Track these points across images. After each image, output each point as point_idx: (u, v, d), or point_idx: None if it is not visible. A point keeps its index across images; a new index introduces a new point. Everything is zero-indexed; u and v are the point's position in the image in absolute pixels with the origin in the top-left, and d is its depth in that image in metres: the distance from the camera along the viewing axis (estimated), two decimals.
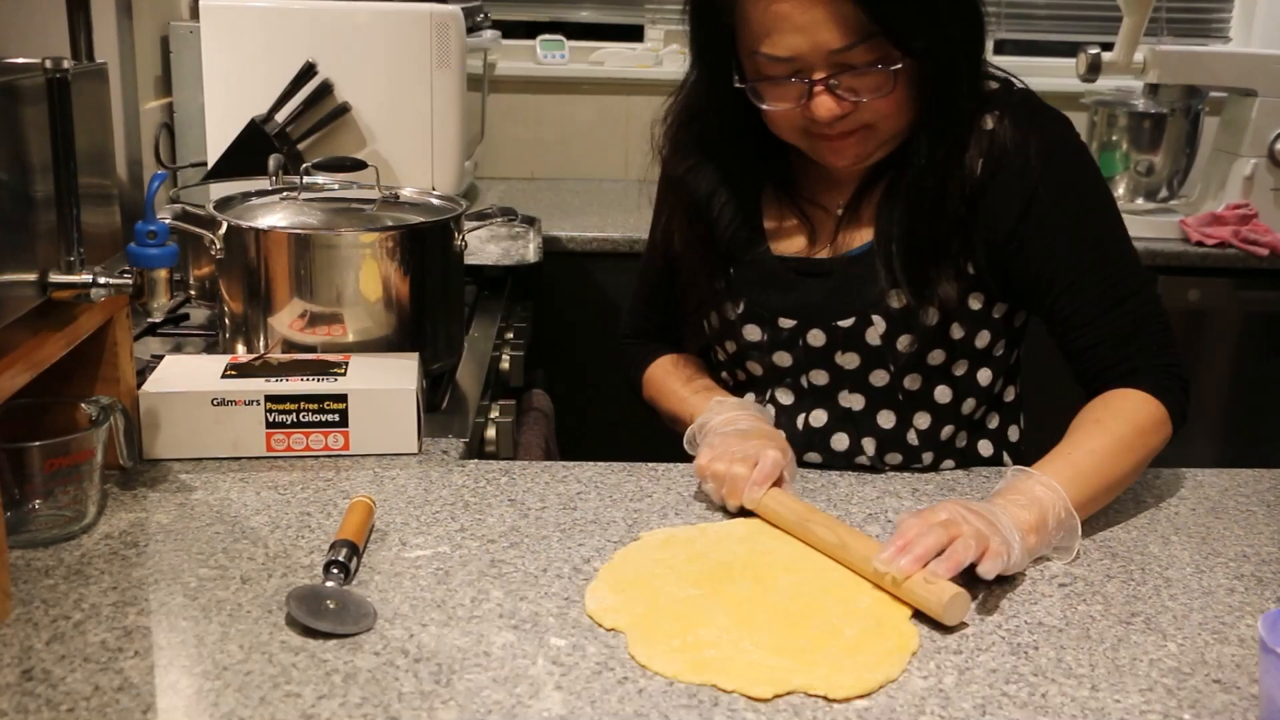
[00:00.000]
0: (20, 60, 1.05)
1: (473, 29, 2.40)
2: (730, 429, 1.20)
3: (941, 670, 0.88)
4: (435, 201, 1.55)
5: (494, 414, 1.56)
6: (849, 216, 1.28)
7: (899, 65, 1.13)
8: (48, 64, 1.02)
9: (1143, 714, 0.84)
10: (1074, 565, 1.05)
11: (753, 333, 1.30)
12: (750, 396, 1.35)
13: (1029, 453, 1.38)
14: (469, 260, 1.69)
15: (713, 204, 1.31)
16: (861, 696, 0.84)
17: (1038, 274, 1.22)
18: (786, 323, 1.28)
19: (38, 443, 1.04)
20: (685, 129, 1.31)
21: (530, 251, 2.07)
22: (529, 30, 3.08)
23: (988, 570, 0.96)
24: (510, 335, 1.92)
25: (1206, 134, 2.75)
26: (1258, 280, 2.53)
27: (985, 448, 1.34)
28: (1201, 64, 2.61)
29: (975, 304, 1.25)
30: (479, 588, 0.98)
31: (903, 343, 1.24)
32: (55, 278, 1.05)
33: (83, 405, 1.11)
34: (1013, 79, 1.26)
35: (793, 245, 1.30)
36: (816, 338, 1.27)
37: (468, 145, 2.35)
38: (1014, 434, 1.37)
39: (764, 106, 1.18)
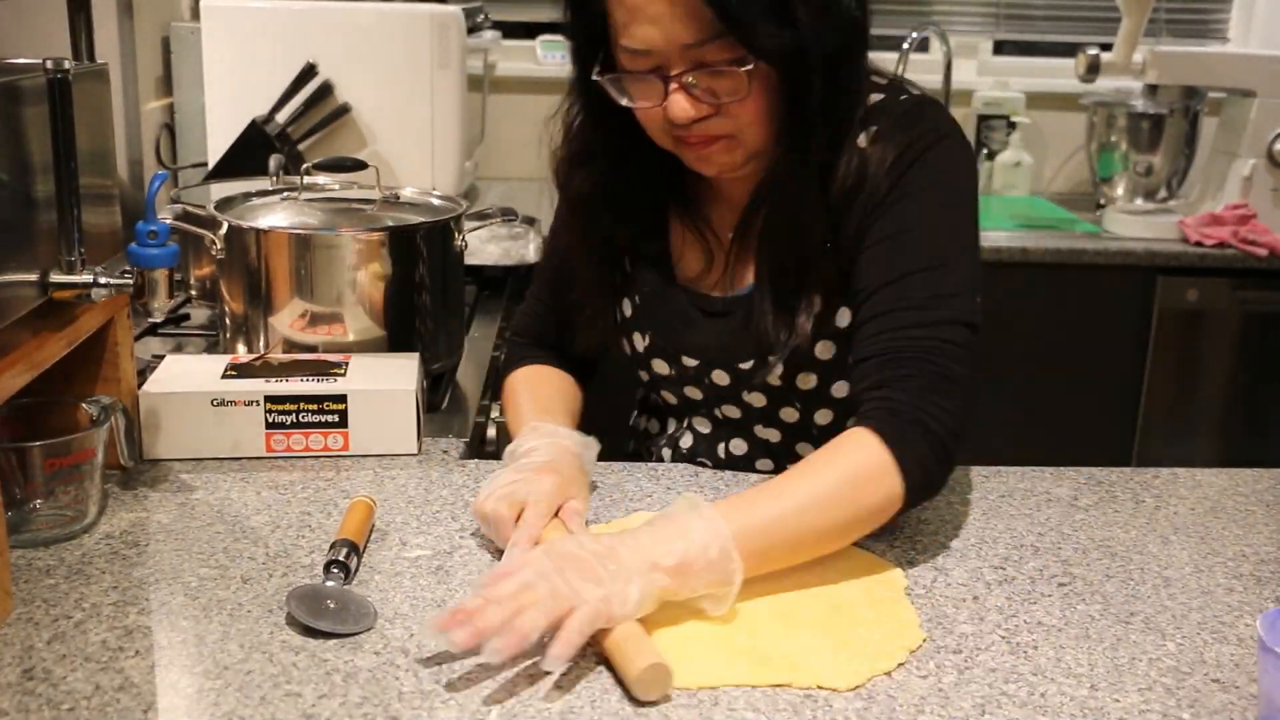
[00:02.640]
0: (21, 60, 1.05)
1: (473, 29, 2.41)
2: (524, 461, 1.10)
3: (941, 670, 0.88)
4: (435, 201, 1.55)
5: (494, 414, 1.56)
6: (739, 244, 1.21)
7: (750, 66, 1.05)
8: (49, 64, 1.02)
9: (1142, 713, 0.84)
10: (1073, 565, 1.05)
11: (660, 366, 1.27)
12: (670, 422, 1.34)
13: None
14: (469, 260, 1.69)
15: (591, 206, 1.24)
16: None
17: (856, 277, 1.12)
18: (690, 361, 1.24)
19: (39, 442, 1.04)
20: (574, 126, 1.23)
21: (530, 251, 2.07)
22: (529, 30, 3.08)
23: (565, 643, 0.83)
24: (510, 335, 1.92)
25: (1205, 134, 2.76)
26: (1256, 280, 2.54)
27: None
28: (1200, 65, 2.61)
29: (843, 322, 1.16)
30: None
31: (804, 380, 1.19)
32: (56, 278, 1.05)
33: (83, 405, 1.11)
34: (906, 87, 1.17)
35: (693, 268, 1.25)
36: (721, 377, 1.23)
37: (468, 145, 2.35)
38: None
39: (624, 103, 1.12)
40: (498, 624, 0.83)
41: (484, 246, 2.03)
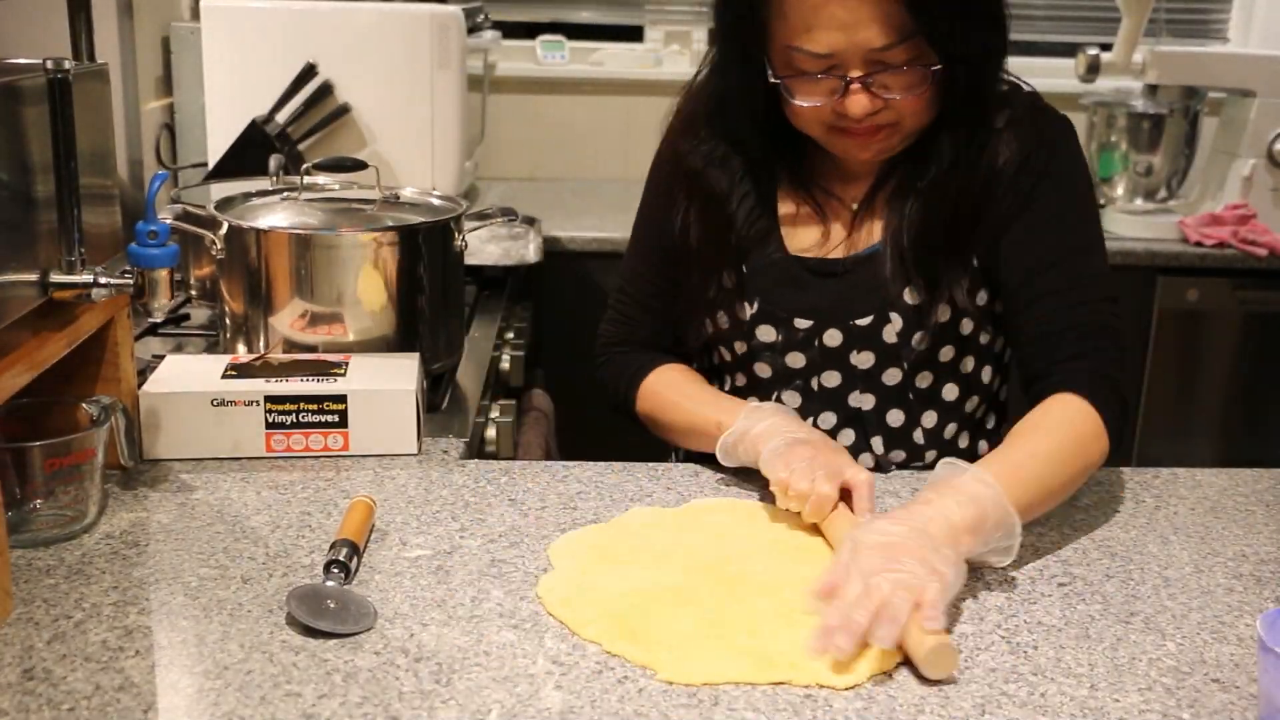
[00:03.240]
0: (21, 61, 1.05)
1: (473, 29, 2.41)
2: (782, 439, 1.13)
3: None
4: (435, 201, 1.55)
5: (494, 414, 1.56)
6: (864, 213, 1.28)
7: (938, 66, 1.14)
8: (49, 64, 1.02)
9: (1142, 713, 0.84)
10: (1073, 565, 1.05)
11: (767, 333, 1.29)
12: (753, 400, 1.34)
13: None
14: (469, 260, 1.69)
15: (732, 197, 1.29)
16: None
17: (1013, 262, 1.22)
18: (803, 323, 1.27)
19: (39, 442, 1.04)
20: (709, 118, 1.29)
21: (530, 251, 2.07)
22: (529, 31, 3.08)
23: (931, 621, 0.87)
24: (510, 335, 1.92)
25: (1205, 134, 2.75)
26: (1256, 280, 2.53)
27: (984, 448, 1.34)
28: (1200, 65, 2.61)
29: (981, 300, 1.26)
30: (479, 588, 0.98)
31: (918, 339, 1.24)
32: (56, 278, 1.05)
33: (84, 405, 1.11)
34: (1020, 81, 1.27)
35: (806, 239, 1.29)
36: (833, 337, 1.26)
37: (468, 145, 2.35)
38: (1004, 432, 1.37)
39: (795, 101, 1.18)
40: (865, 628, 0.87)
41: (484, 246, 2.03)
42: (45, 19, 1.63)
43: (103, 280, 1.07)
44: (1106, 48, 2.57)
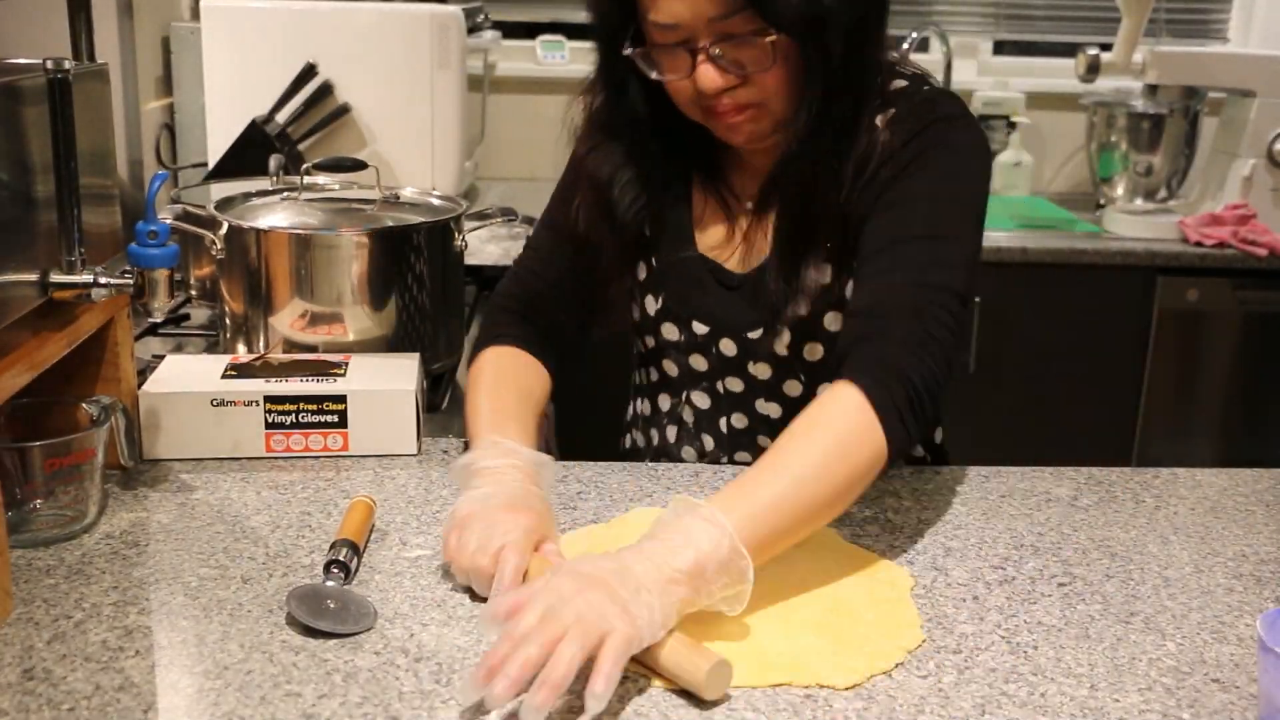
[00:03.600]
0: (21, 61, 1.05)
1: (473, 29, 2.41)
2: (469, 496, 1.03)
3: (941, 670, 0.88)
4: (435, 201, 1.55)
5: None
6: (759, 216, 1.25)
7: (774, 37, 1.10)
8: (49, 64, 1.02)
9: (1142, 713, 0.84)
10: (1073, 565, 1.05)
11: (670, 331, 1.29)
12: (664, 399, 1.35)
13: (952, 446, 1.38)
14: (469, 260, 1.69)
15: (613, 185, 1.25)
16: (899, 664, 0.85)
17: (862, 241, 1.14)
18: (700, 328, 1.27)
19: (39, 442, 1.04)
20: (595, 107, 1.26)
21: None
22: (529, 31, 3.08)
23: (605, 671, 0.79)
24: None
25: (1205, 134, 2.75)
26: (1256, 280, 2.54)
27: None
28: (1200, 65, 2.61)
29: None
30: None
31: (809, 352, 1.22)
32: (56, 278, 1.05)
33: (83, 405, 1.11)
34: (927, 78, 1.22)
35: (714, 238, 1.28)
36: (729, 347, 1.26)
37: (468, 145, 2.35)
38: (938, 436, 1.37)
39: (654, 76, 1.17)
40: (535, 662, 0.79)
41: (484, 246, 2.03)
42: (45, 19, 1.63)
43: (103, 280, 1.07)
44: (1106, 48, 2.57)
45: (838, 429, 0.99)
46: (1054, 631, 0.94)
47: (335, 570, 0.97)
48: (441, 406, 1.44)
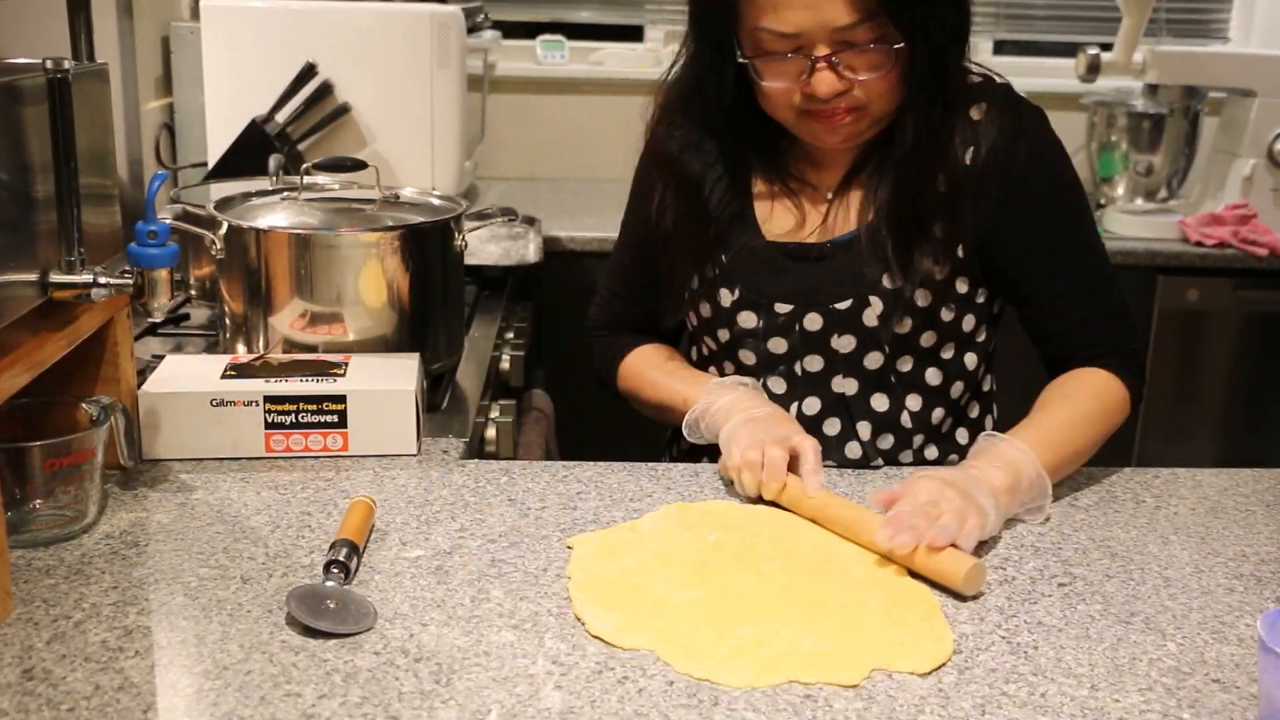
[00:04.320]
0: (21, 60, 1.05)
1: (473, 29, 2.41)
2: (742, 415, 1.20)
3: (941, 670, 0.88)
4: (435, 201, 1.55)
5: (494, 414, 1.56)
6: (838, 199, 1.30)
7: (901, 45, 1.16)
8: (48, 64, 1.02)
9: (1142, 713, 0.84)
10: (1073, 565, 1.05)
11: (748, 319, 1.30)
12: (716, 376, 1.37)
13: (954, 446, 1.39)
14: (469, 260, 1.69)
15: (706, 182, 1.32)
16: (941, 666, 0.88)
17: (1019, 261, 1.27)
18: (783, 308, 1.28)
19: (38, 443, 1.04)
20: (684, 106, 1.31)
21: (530, 251, 2.07)
22: (529, 30, 3.08)
23: (967, 543, 1.01)
24: (510, 335, 1.92)
25: (1205, 134, 2.75)
26: (1257, 280, 2.53)
27: (963, 436, 1.36)
28: (1200, 64, 2.61)
29: (962, 287, 1.28)
30: (479, 588, 0.98)
31: (897, 323, 1.25)
32: (56, 278, 1.05)
33: (83, 405, 1.11)
34: (991, 74, 1.29)
35: (782, 227, 1.31)
36: (813, 321, 1.28)
37: (468, 145, 2.35)
38: (989, 424, 1.41)
39: (764, 83, 1.20)
40: (925, 527, 1.00)
41: (484, 246, 2.03)
42: (45, 19, 1.63)
43: (102, 280, 1.07)
44: (1106, 48, 2.57)
45: (1102, 397, 1.24)
46: (1054, 631, 0.94)
47: (335, 570, 0.97)
48: (441, 406, 1.44)
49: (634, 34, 3.12)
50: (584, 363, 1.47)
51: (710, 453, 1.30)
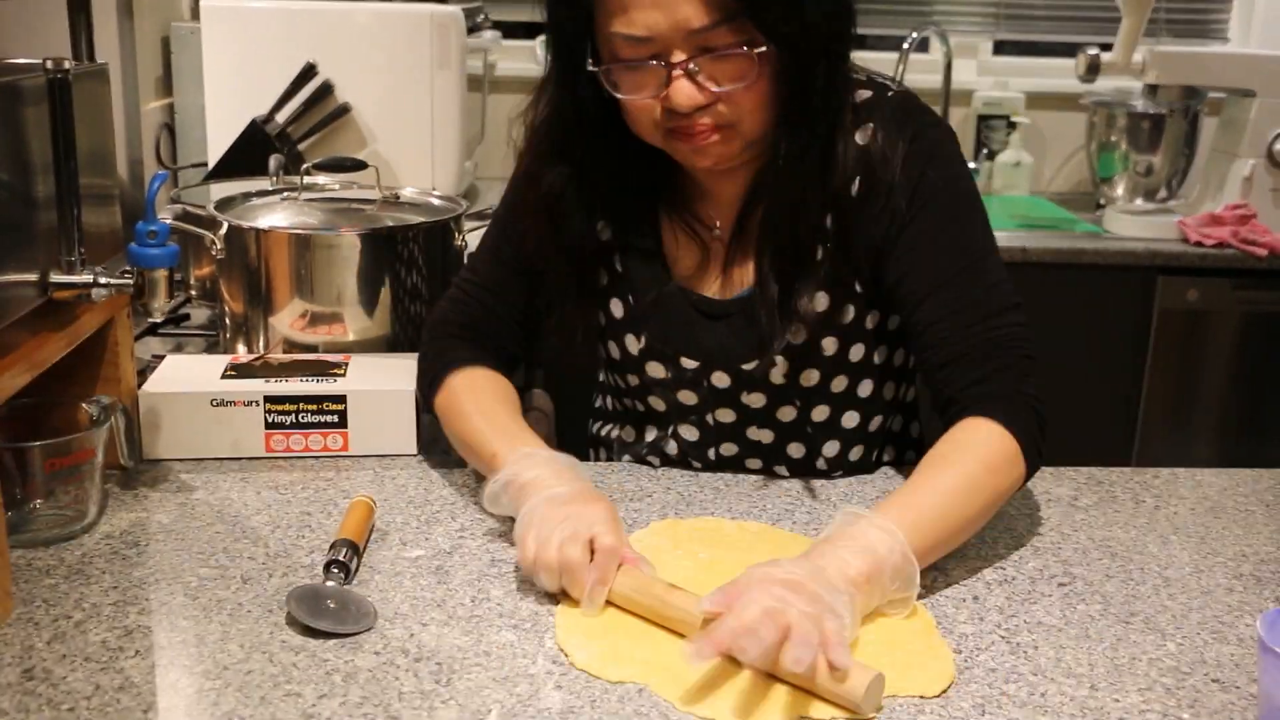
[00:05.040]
0: (21, 60, 1.05)
1: (473, 29, 2.41)
2: (544, 494, 1.02)
3: None
4: (435, 201, 1.55)
5: None
6: (737, 242, 1.20)
7: (763, 48, 1.04)
8: (49, 64, 1.02)
9: (1142, 713, 0.84)
10: (1073, 565, 1.05)
11: (655, 369, 1.23)
12: (650, 430, 1.30)
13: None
14: None
15: (564, 207, 1.18)
16: (949, 687, 0.86)
17: (900, 286, 1.14)
18: (689, 363, 1.21)
19: (39, 442, 1.04)
20: (543, 126, 1.17)
21: None
22: (529, 31, 3.08)
23: (837, 656, 0.82)
24: None
25: (1205, 134, 2.75)
26: (1256, 280, 2.53)
27: (890, 455, 1.30)
28: (1200, 65, 2.61)
29: (870, 323, 1.19)
30: (479, 587, 0.98)
31: (804, 379, 1.19)
32: (56, 278, 1.05)
33: (83, 405, 1.11)
34: (887, 83, 1.18)
35: (688, 268, 1.22)
36: (721, 379, 1.21)
37: (468, 145, 2.35)
38: (915, 430, 1.35)
39: (619, 95, 1.08)
40: (774, 643, 0.82)
41: None
42: (45, 19, 1.63)
43: (102, 280, 1.07)
44: (1106, 48, 2.57)
45: (983, 454, 1.04)
46: (1054, 631, 0.94)
47: (335, 570, 0.97)
48: None
49: None
50: (584, 363, 1.47)
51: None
